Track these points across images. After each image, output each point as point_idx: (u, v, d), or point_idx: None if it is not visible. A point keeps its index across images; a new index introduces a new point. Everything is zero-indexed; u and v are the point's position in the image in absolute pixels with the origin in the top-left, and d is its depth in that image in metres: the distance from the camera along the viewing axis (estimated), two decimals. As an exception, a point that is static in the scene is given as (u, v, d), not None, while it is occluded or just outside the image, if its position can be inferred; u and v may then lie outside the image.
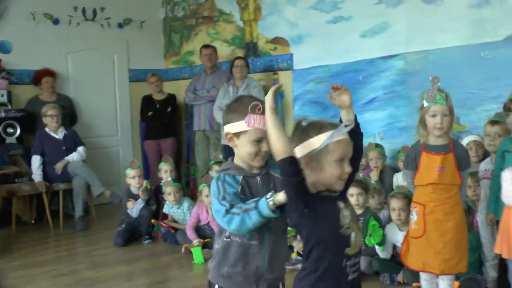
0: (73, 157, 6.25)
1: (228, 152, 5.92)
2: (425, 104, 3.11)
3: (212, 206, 2.00)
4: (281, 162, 1.79)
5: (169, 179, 5.47)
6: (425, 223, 3.10)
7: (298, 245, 4.45)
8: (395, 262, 4.00)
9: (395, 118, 5.24)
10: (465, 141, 3.96)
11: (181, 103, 7.44)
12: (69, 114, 6.81)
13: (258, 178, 2.05)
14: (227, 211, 1.91)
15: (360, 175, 4.45)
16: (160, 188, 5.58)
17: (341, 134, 1.86)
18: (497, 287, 3.49)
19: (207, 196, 5.00)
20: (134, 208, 5.52)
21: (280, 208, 1.88)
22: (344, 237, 1.85)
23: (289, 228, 4.60)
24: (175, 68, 7.89)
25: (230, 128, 2.05)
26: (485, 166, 3.65)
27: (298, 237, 4.46)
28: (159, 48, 8.06)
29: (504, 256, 3.14)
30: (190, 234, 5.00)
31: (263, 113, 1.95)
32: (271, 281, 2.12)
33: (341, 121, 2.03)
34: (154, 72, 7.32)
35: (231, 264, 2.04)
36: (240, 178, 2.02)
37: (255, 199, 1.93)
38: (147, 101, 7.26)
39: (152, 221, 5.48)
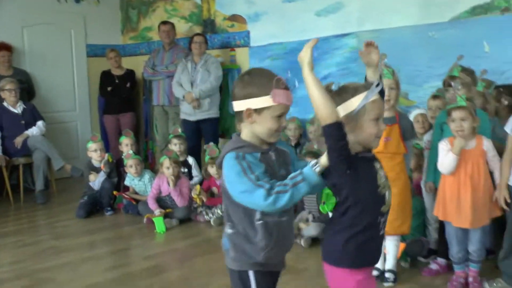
0: (33, 131, 6.29)
1: (186, 126, 6.12)
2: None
3: (236, 187, 1.85)
4: (329, 127, 1.80)
5: (131, 152, 5.60)
6: (373, 189, 3.37)
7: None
8: (347, 228, 4.27)
9: (348, 94, 5.50)
10: (412, 115, 4.25)
11: (140, 78, 7.52)
12: (26, 89, 6.80)
13: (272, 154, 1.99)
14: (269, 192, 1.79)
15: (315, 146, 4.71)
16: (122, 161, 5.71)
17: (375, 94, 1.92)
18: (437, 247, 3.81)
19: (168, 168, 5.17)
20: (96, 181, 5.63)
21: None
22: (380, 196, 1.97)
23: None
24: (133, 44, 7.94)
25: (251, 103, 1.92)
26: (428, 137, 3.95)
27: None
28: (116, 23, 8.08)
29: (440, 218, 3.46)
30: (152, 204, 5.17)
31: (286, 87, 1.92)
32: None
33: (365, 79, 2.05)
34: (113, 48, 7.36)
35: (271, 246, 1.96)
36: (258, 155, 1.92)
37: (297, 172, 1.85)
38: (106, 76, 7.31)
39: (114, 192, 5.62)
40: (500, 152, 3.31)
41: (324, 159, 1.86)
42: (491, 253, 3.74)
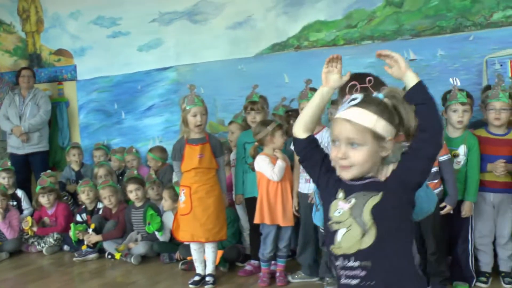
0: None
1: (14, 160, 6.13)
2: (187, 106, 3.86)
3: None
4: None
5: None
6: (191, 202, 3.85)
7: (87, 239, 4.91)
8: (173, 243, 4.68)
9: (171, 122, 5.98)
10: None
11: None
12: None
13: None
14: None
15: (134, 172, 5.11)
16: None
17: (342, 110, 1.64)
18: (251, 251, 4.36)
19: (-4, 201, 5.19)
20: None
21: None
22: (329, 232, 1.65)
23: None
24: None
25: None
26: (233, 156, 4.52)
27: (90, 230, 4.95)
28: None
29: (258, 221, 3.91)
30: (-21, 239, 5.13)
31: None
32: None
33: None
34: None
35: None
36: None
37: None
38: None
39: None
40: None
41: None
42: (293, 252, 4.37)
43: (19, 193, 5.83)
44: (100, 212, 5.19)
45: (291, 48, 5.41)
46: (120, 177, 5.71)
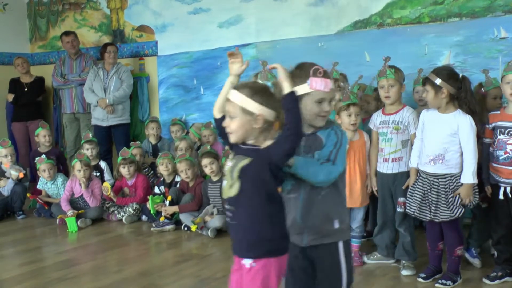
0: None
1: (97, 131, 6.37)
2: (260, 82, 3.85)
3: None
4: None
5: (43, 156, 5.76)
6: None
7: (165, 211, 5.03)
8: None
9: (249, 99, 5.99)
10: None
11: (49, 87, 7.64)
12: None
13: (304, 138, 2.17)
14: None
15: (208, 147, 5.17)
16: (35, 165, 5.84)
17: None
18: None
19: (79, 170, 5.41)
20: (6, 187, 5.72)
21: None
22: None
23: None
24: (42, 53, 8.03)
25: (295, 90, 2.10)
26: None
27: (167, 203, 5.06)
28: (24, 32, 8.12)
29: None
30: (65, 206, 5.37)
31: (323, 76, 2.19)
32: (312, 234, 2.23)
33: None
34: (19, 56, 7.41)
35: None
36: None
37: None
38: (14, 84, 7.34)
39: (28, 195, 5.74)
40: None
41: None
42: (369, 234, 4.30)
43: (102, 164, 6.05)
44: (178, 185, 5.30)
45: (373, 25, 5.26)
46: (198, 152, 5.81)
